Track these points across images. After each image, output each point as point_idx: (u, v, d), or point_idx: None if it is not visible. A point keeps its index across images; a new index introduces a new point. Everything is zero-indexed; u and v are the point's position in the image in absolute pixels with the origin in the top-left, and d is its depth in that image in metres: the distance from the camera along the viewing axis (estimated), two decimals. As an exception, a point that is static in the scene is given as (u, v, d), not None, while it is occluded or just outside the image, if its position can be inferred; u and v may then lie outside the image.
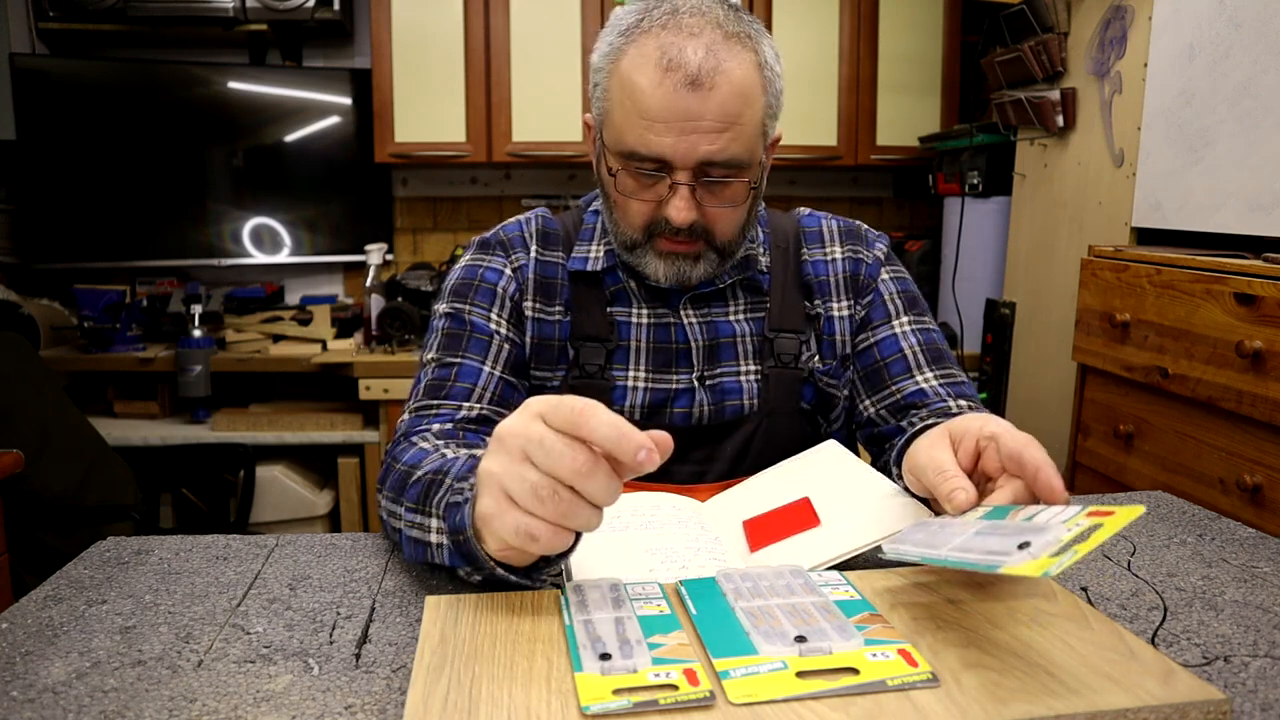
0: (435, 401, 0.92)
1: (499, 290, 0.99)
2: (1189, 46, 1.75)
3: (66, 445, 1.97)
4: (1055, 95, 2.17)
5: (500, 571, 0.64)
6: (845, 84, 2.86)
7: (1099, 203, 2.06)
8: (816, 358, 1.02)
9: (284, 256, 2.94)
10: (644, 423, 0.87)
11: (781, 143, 1.01)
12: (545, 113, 2.76)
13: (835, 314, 1.03)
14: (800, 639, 0.55)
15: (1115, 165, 2.01)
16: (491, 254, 1.02)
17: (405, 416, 0.93)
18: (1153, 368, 1.65)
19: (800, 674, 0.52)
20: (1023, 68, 2.27)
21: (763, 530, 0.79)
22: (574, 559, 0.74)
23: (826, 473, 0.87)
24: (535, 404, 0.59)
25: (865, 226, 1.09)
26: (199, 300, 2.64)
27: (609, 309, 1.00)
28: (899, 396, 0.98)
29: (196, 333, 2.59)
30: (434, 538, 0.71)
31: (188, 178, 2.84)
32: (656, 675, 0.52)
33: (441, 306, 1.00)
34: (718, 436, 0.99)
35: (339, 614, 0.68)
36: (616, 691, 0.50)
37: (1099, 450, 1.84)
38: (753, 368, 1.00)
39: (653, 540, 0.78)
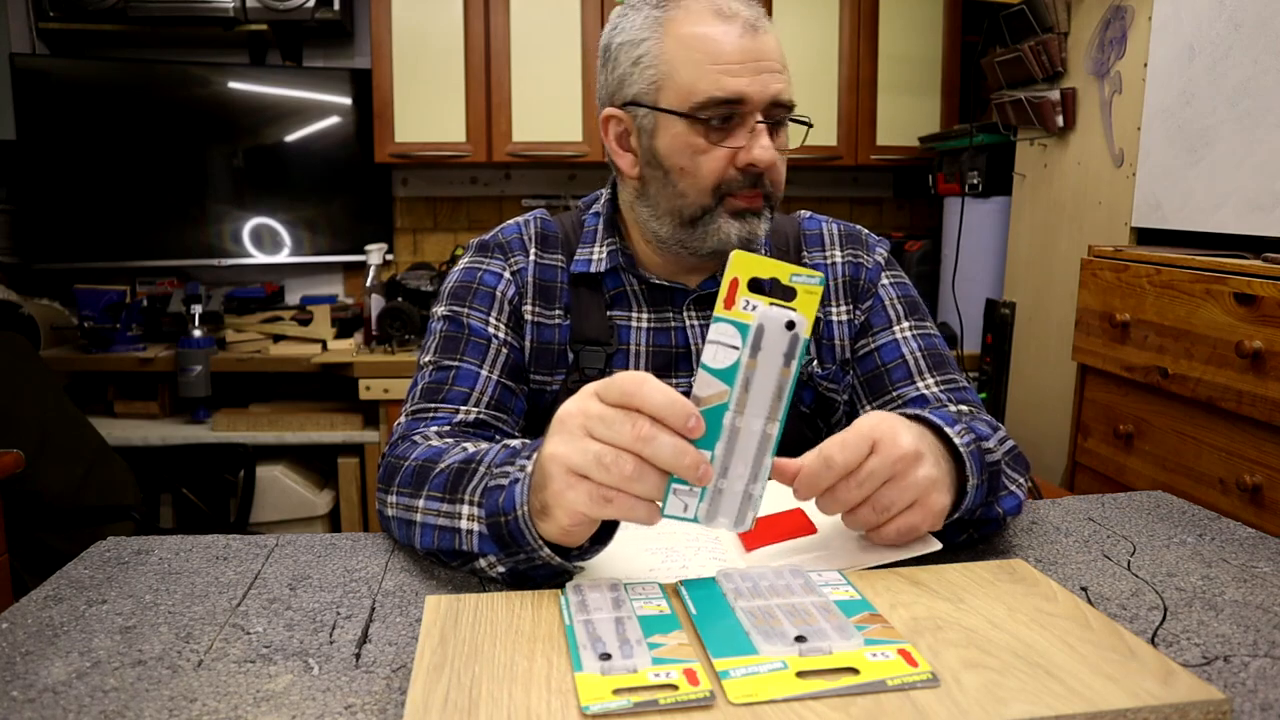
0: (432, 405, 0.92)
1: (497, 294, 0.98)
2: (1189, 46, 1.75)
3: (66, 445, 1.97)
4: (1055, 95, 2.18)
5: (545, 552, 0.67)
6: (845, 84, 2.86)
7: (1099, 203, 2.07)
8: (815, 362, 1.02)
9: (284, 256, 2.94)
10: None
11: (781, 142, 1.01)
12: (545, 113, 2.76)
13: (835, 319, 1.03)
14: (800, 639, 0.55)
15: (1115, 165, 2.01)
16: (490, 257, 1.01)
17: (402, 419, 0.92)
18: (1153, 368, 1.65)
19: (800, 674, 0.52)
20: (1023, 68, 2.27)
21: (756, 532, 0.79)
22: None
23: None
24: (590, 386, 0.63)
25: (866, 231, 1.09)
26: (199, 300, 2.64)
27: (609, 312, 1.00)
28: (900, 402, 0.98)
29: (196, 333, 2.59)
30: (464, 524, 0.71)
31: (188, 178, 2.84)
32: (656, 675, 0.52)
33: (440, 309, 0.99)
34: None
35: (339, 614, 0.68)
36: (616, 691, 0.50)
37: (1099, 450, 1.84)
38: None
39: (653, 539, 0.78)
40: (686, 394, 0.59)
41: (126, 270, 2.89)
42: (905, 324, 1.02)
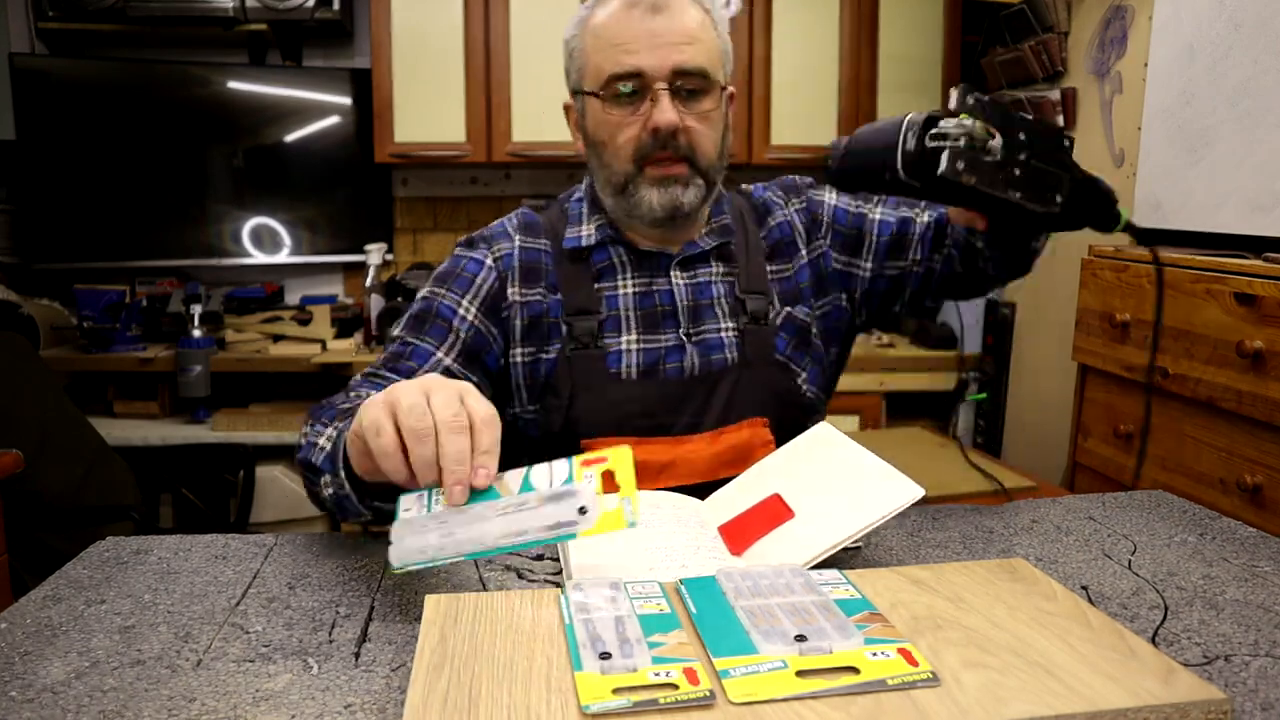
0: (385, 372, 1.00)
1: (476, 280, 1.06)
2: (1189, 47, 1.75)
3: (66, 445, 1.97)
4: (1055, 95, 2.17)
5: (341, 476, 0.78)
6: (845, 84, 2.86)
7: (1099, 203, 2.06)
8: (793, 308, 1.10)
9: (284, 256, 2.94)
10: (641, 381, 1.02)
11: (782, 143, 1.09)
12: (545, 113, 2.76)
13: (810, 258, 1.13)
14: (800, 638, 0.55)
15: (1115, 165, 2.01)
16: (474, 249, 1.09)
17: (357, 377, 1.01)
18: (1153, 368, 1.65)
19: (800, 673, 0.52)
20: (1023, 68, 2.27)
21: (739, 532, 0.79)
22: (574, 559, 0.74)
23: (817, 458, 0.87)
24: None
25: (792, 177, 1.20)
26: (199, 300, 2.64)
27: (596, 285, 1.07)
28: (928, 235, 1.09)
29: (196, 333, 2.59)
30: (322, 440, 0.83)
31: (188, 178, 2.84)
32: (656, 674, 0.52)
33: (423, 289, 1.09)
34: (707, 388, 1.05)
35: (338, 613, 0.68)
36: (616, 690, 0.50)
37: (1099, 450, 1.84)
38: (730, 325, 1.08)
39: (652, 539, 0.78)
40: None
41: (126, 270, 2.88)
42: (868, 206, 1.13)
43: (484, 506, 0.65)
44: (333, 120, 2.91)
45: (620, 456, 0.66)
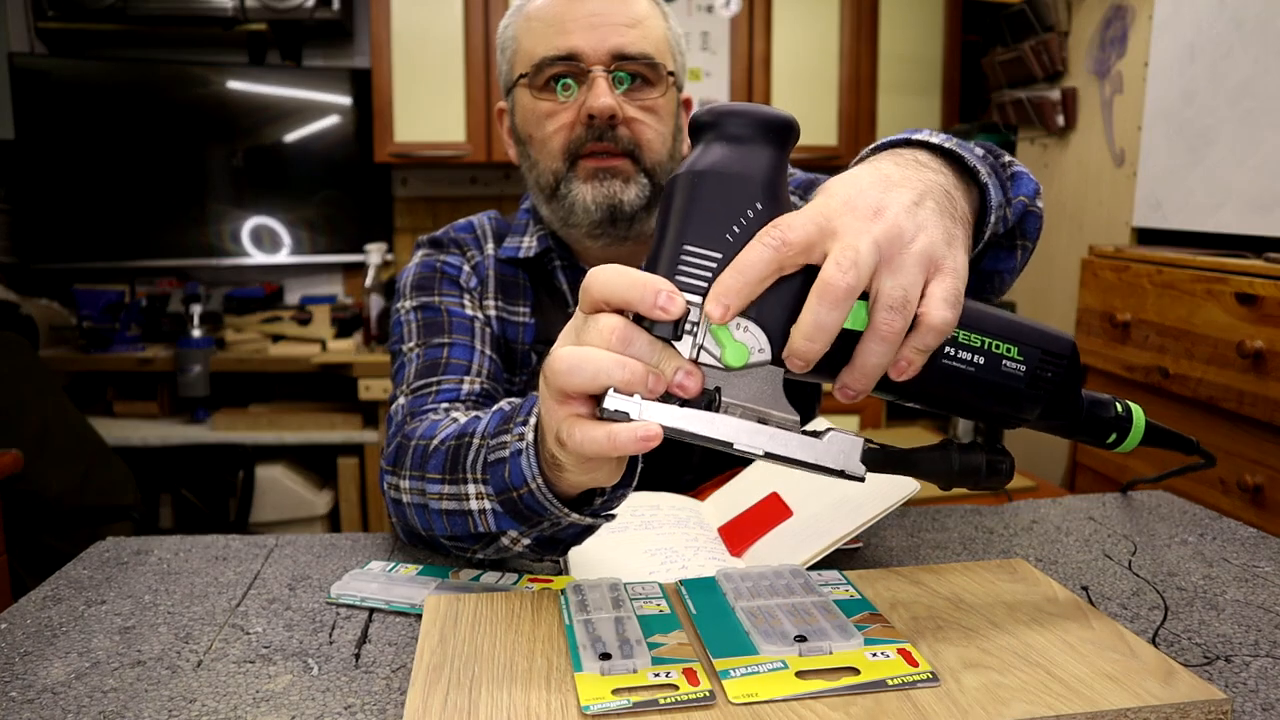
0: (434, 379, 0.87)
1: (461, 282, 0.97)
2: (1189, 46, 1.75)
3: (66, 445, 1.97)
4: (1056, 95, 2.18)
5: (573, 517, 0.62)
6: (845, 84, 2.86)
7: (1099, 203, 2.06)
8: None
9: (284, 256, 2.94)
10: None
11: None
12: (545, 113, 2.76)
13: None
14: (800, 639, 0.55)
15: (1115, 165, 2.01)
16: (445, 251, 0.99)
17: (401, 400, 0.87)
18: (1153, 368, 1.65)
19: (800, 674, 0.52)
20: (1023, 67, 2.27)
21: (739, 533, 0.80)
22: (574, 559, 0.74)
23: None
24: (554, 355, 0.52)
25: (818, 176, 1.01)
26: (199, 300, 2.65)
27: (569, 311, 0.96)
28: None
29: (196, 333, 2.59)
30: (474, 504, 0.67)
31: (188, 178, 2.84)
32: (656, 675, 0.52)
33: (407, 303, 0.96)
34: (681, 445, 0.95)
35: (338, 614, 0.68)
36: (616, 691, 0.50)
37: (1099, 450, 1.84)
38: None
39: (653, 540, 0.78)
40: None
41: (126, 270, 2.89)
42: None
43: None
44: (332, 120, 2.91)
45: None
